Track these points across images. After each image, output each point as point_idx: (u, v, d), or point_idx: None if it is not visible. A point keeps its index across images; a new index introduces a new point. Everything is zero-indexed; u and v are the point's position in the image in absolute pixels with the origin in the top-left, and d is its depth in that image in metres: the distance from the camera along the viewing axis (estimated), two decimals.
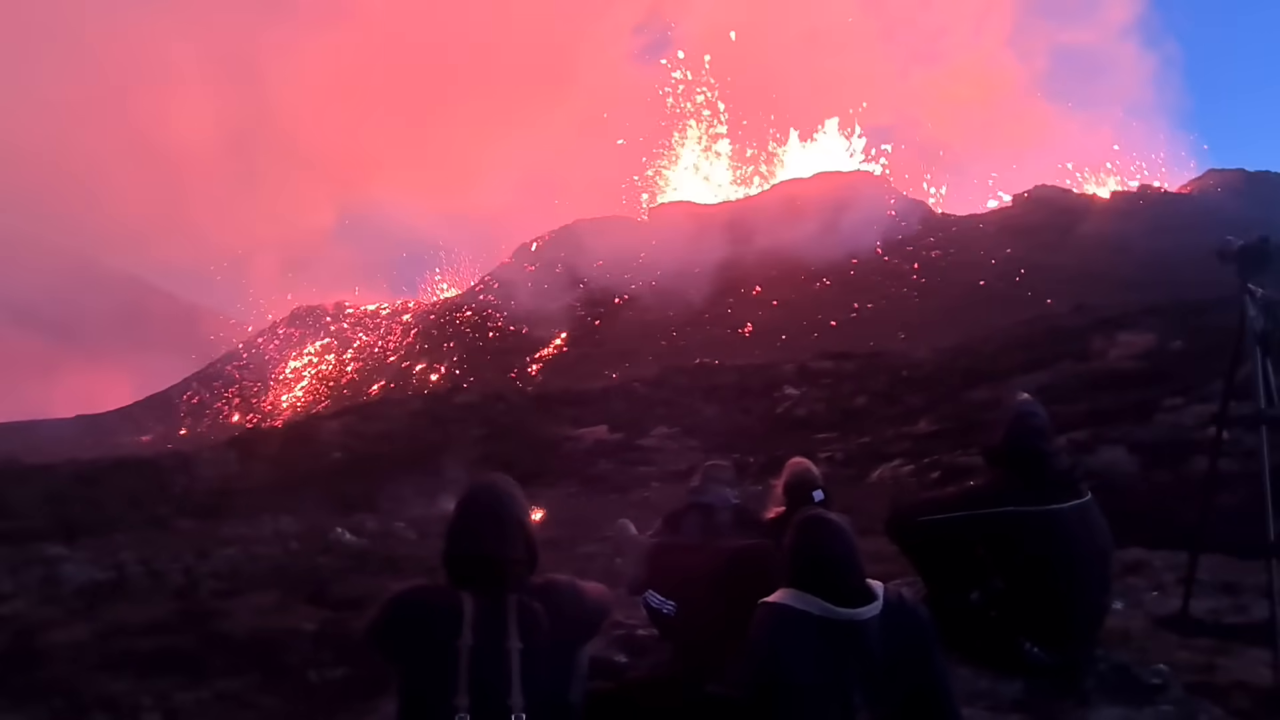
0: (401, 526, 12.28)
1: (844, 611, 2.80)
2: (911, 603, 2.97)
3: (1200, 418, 13.16)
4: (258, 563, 10.24)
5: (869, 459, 16.67)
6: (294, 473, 21.45)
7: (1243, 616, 4.33)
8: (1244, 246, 3.79)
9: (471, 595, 2.68)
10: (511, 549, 2.81)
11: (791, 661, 2.74)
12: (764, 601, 2.91)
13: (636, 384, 31.57)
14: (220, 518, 14.26)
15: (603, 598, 3.06)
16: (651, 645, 4.60)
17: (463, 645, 2.60)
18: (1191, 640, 4.11)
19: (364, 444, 25.42)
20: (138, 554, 10.53)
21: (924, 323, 64.64)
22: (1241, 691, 3.39)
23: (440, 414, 29.09)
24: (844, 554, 2.89)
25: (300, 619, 7.20)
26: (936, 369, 25.68)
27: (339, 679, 5.81)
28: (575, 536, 10.81)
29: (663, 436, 22.49)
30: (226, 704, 5.53)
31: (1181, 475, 9.95)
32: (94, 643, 6.65)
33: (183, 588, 8.84)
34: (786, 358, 37.01)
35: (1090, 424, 13.87)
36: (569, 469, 19.49)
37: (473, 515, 2.87)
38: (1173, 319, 22.85)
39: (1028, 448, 3.73)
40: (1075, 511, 3.66)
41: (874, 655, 2.80)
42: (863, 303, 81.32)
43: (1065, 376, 19.46)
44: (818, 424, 22.16)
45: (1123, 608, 4.58)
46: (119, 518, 16.06)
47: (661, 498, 13.74)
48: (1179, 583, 4.73)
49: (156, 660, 6.20)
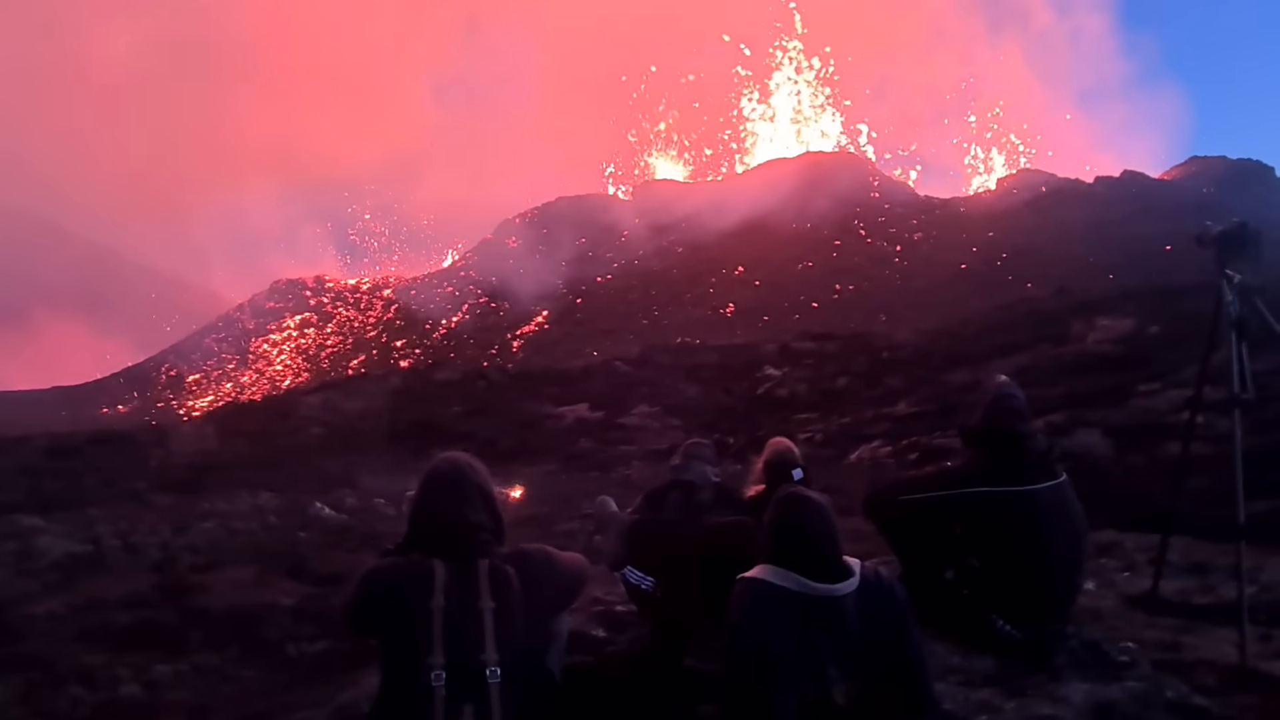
0: (381, 503, 12.26)
1: (821, 587, 2.84)
2: (888, 579, 3.01)
3: (1174, 402, 13.34)
4: (236, 538, 10.21)
5: (848, 440, 16.79)
6: (273, 448, 21.33)
7: (1210, 597, 4.42)
8: (1222, 232, 3.83)
9: (443, 562, 2.72)
10: (475, 514, 2.85)
11: (768, 636, 2.78)
12: (742, 577, 2.94)
13: (618, 362, 31.54)
14: (198, 492, 14.15)
15: (578, 566, 3.09)
16: (630, 621, 4.63)
17: (435, 607, 2.64)
18: (1160, 619, 4.20)
19: (344, 420, 25.29)
20: (114, 528, 10.46)
21: (905, 305, 64.96)
22: (1207, 669, 3.46)
23: (421, 391, 28.97)
24: (823, 530, 2.92)
25: (279, 594, 7.20)
26: (917, 351, 25.82)
27: (319, 652, 5.82)
28: (556, 514, 10.86)
29: (644, 415, 22.52)
30: (205, 677, 5.53)
31: (1154, 458, 10.11)
32: (71, 616, 6.61)
33: (160, 562, 8.79)
34: (768, 338, 37.12)
35: (1066, 407, 14.03)
36: (550, 447, 19.48)
37: (436, 486, 2.93)
38: (1151, 304, 23.08)
39: (1005, 429, 3.77)
40: (1051, 492, 3.71)
41: (850, 630, 2.84)
42: (845, 284, 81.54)
43: (1043, 360, 19.64)
44: (798, 404, 22.26)
45: (1094, 587, 4.66)
46: (95, 492, 15.92)
47: (642, 476, 13.79)
48: (1150, 564, 4.81)
49: (134, 634, 6.18)
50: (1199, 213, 4.65)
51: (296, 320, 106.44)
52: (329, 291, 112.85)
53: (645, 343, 42.52)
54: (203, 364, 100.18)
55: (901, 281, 78.98)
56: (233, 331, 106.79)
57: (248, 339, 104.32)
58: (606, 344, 64.23)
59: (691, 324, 67.78)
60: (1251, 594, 3.63)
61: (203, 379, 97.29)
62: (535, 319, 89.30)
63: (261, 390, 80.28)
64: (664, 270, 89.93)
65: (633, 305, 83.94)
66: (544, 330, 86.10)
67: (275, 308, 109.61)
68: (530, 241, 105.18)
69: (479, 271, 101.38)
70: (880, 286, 78.57)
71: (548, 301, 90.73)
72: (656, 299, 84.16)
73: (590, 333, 76.95)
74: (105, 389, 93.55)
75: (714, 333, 54.19)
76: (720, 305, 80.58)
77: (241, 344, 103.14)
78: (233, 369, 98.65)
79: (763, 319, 70.03)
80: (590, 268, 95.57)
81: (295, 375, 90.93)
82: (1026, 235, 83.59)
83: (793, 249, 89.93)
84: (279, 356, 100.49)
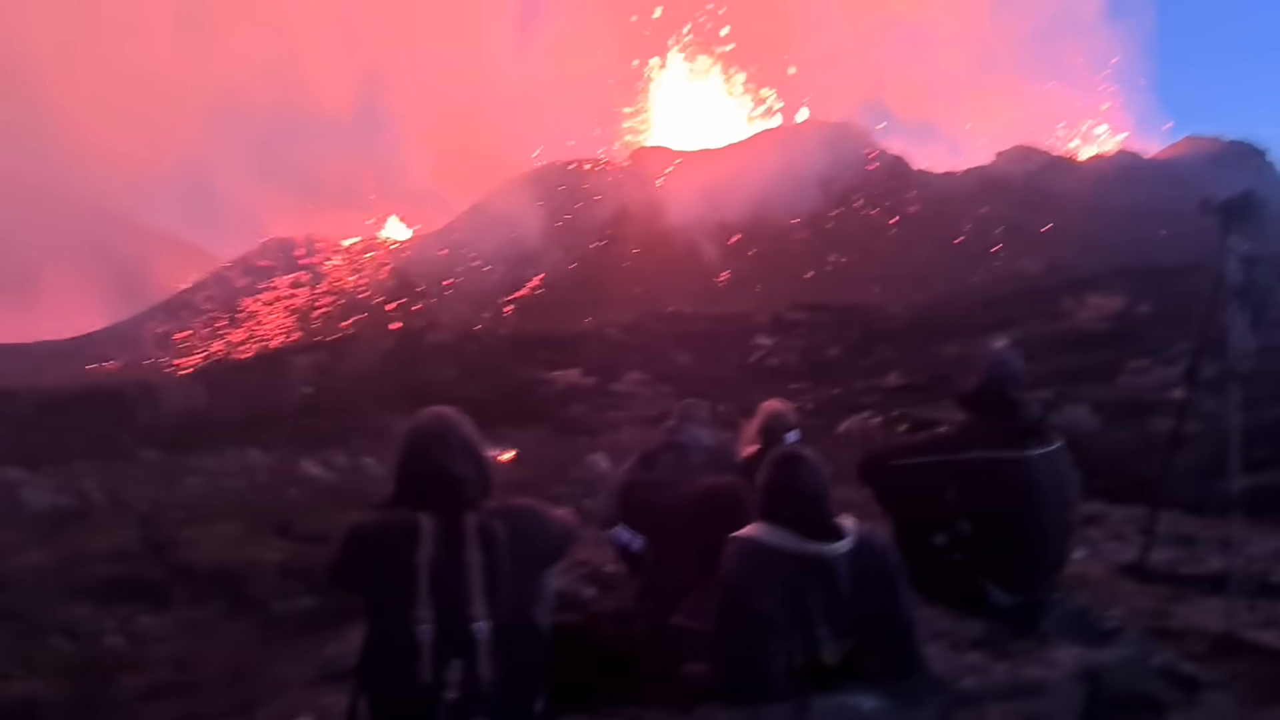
0: (371, 463, 12.24)
1: (813, 546, 2.82)
2: (881, 541, 2.99)
3: (1163, 380, 13.40)
4: (224, 494, 10.21)
5: (839, 410, 16.83)
6: (263, 407, 21.25)
7: (1198, 567, 4.44)
8: (1227, 200, 3.78)
9: (429, 516, 2.68)
10: (461, 468, 2.81)
11: (760, 594, 2.76)
12: (735, 535, 2.93)
13: (611, 329, 31.48)
14: (186, 449, 14.12)
15: (566, 521, 3.06)
16: (619, 582, 4.63)
17: (421, 560, 2.60)
18: (1148, 588, 4.21)
19: (335, 381, 25.23)
20: (101, 482, 10.45)
21: (899, 277, 64.92)
22: (1195, 636, 3.48)
23: (412, 353, 28.89)
24: (816, 490, 2.90)
25: (266, 551, 7.19)
26: (909, 324, 25.87)
27: (305, 609, 5.81)
28: (547, 478, 10.85)
29: (636, 382, 22.53)
30: (190, 630, 5.52)
31: (1141, 434, 10.13)
32: (56, 568, 6.59)
33: (147, 517, 8.78)
34: (761, 307, 37.07)
35: (1056, 383, 14.06)
36: (542, 412, 19.48)
37: (421, 439, 2.88)
38: (1142, 282, 23.15)
39: (1000, 394, 3.74)
40: (1044, 459, 3.70)
41: (841, 591, 2.83)
42: (839, 255, 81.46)
43: (1034, 335, 19.68)
44: (790, 374, 22.31)
45: (1083, 556, 4.67)
46: (82, 447, 15.86)
47: (633, 442, 13.78)
48: (1137, 534, 4.83)
49: (119, 587, 6.17)
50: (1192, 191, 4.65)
51: (288, 279, 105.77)
52: (321, 252, 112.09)
53: (638, 310, 42.42)
54: (192, 322, 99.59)
55: (895, 254, 78.91)
56: (223, 290, 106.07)
57: (238, 297, 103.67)
58: (600, 310, 64.10)
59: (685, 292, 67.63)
60: (1238, 566, 3.63)
61: (192, 337, 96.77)
62: (528, 284, 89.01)
63: (252, 349, 79.90)
64: (658, 237, 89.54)
65: (626, 272, 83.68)
66: (537, 295, 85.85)
67: (266, 266, 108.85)
68: (525, 206, 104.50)
69: (473, 235, 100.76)
70: (874, 258, 78.51)
71: (541, 267, 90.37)
72: (650, 266, 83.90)
73: (583, 299, 76.76)
74: (93, 345, 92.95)
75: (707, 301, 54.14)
76: (714, 273, 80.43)
77: (232, 302, 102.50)
78: (222, 327, 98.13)
79: (756, 288, 69.96)
80: (585, 234, 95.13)
81: (286, 335, 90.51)
82: (1021, 210, 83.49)
83: (786, 218, 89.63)
84: (270, 316, 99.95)
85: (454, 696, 2.51)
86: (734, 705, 2.72)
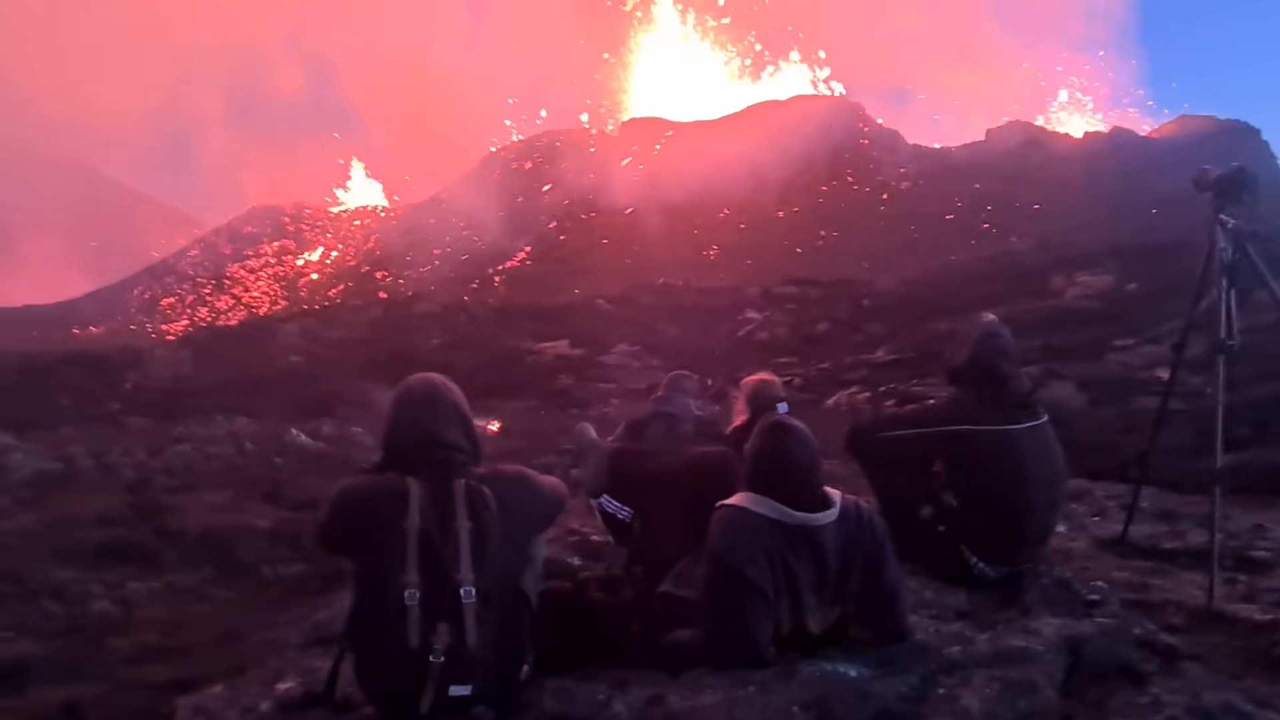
0: (359, 432, 12.21)
1: (801, 516, 2.84)
2: (868, 512, 3.02)
3: (1149, 358, 13.50)
4: (211, 462, 10.17)
5: (827, 384, 16.87)
6: (250, 374, 21.15)
7: (1179, 543, 4.50)
8: (1220, 176, 3.79)
9: (418, 481, 2.68)
10: (451, 433, 2.81)
11: (747, 563, 2.79)
12: (723, 504, 2.94)
13: (600, 301, 31.38)
14: (173, 416, 14.05)
15: (555, 489, 3.08)
16: (607, 551, 4.66)
17: (410, 526, 2.61)
18: (1130, 562, 4.27)
19: (322, 348, 25.13)
20: (88, 448, 10.39)
21: (889, 252, 64.81)
22: (1175, 609, 3.53)
23: (400, 322, 28.77)
24: (805, 460, 2.91)
25: (255, 517, 7.19)
26: (898, 299, 25.90)
27: (294, 575, 5.83)
28: (534, 448, 10.87)
29: (624, 354, 22.51)
30: (179, 595, 5.53)
31: (1126, 412, 10.22)
32: (44, 532, 6.58)
33: (134, 483, 8.75)
34: (751, 281, 37.02)
35: (1043, 359, 14.14)
36: (529, 383, 19.46)
37: (410, 404, 2.89)
38: (1131, 261, 23.21)
39: (990, 368, 3.77)
40: (1031, 433, 3.73)
41: (828, 560, 2.86)
42: (829, 230, 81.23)
43: (1022, 312, 19.71)
44: (779, 348, 22.33)
45: (1066, 530, 4.73)
46: (68, 412, 15.78)
47: (621, 414, 13.81)
48: (1120, 509, 4.88)
49: (107, 551, 6.16)
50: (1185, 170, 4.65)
51: (275, 246, 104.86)
52: (308, 219, 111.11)
53: (628, 282, 42.27)
54: (178, 288, 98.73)
55: (886, 229, 78.74)
56: (209, 256, 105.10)
57: (224, 264, 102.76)
58: (588, 282, 63.86)
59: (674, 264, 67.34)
60: (1219, 540, 3.68)
61: (177, 303, 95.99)
62: (517, 254, 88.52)
63: (238, 316, 79.32)
64: (648, 209, 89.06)
65: (616, 244, 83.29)
66: (526, 266, 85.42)
67: (253, 233, 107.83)
68: (514, 176, 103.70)
69: (461, 204, 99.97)
70: (865, 234, 78.34)
71: (530, 237, 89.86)
72: (640, 238, 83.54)
73: (572, 270, 76.38)
74: (77, 310, 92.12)
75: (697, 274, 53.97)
76: (704, 247, 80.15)
77: (218, 269, 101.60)
78: (209, 294, 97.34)
79: (746, 262, 69.75)
80: (574, 205, 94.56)
81: (273, 302, 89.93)
82: (1012, 187, 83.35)
83: (778, 192, 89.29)
84: (256, 283, 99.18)
85: (441, 661, 2.53)
86: (721, 672, 2.75)
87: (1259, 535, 4.59)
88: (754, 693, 2.61)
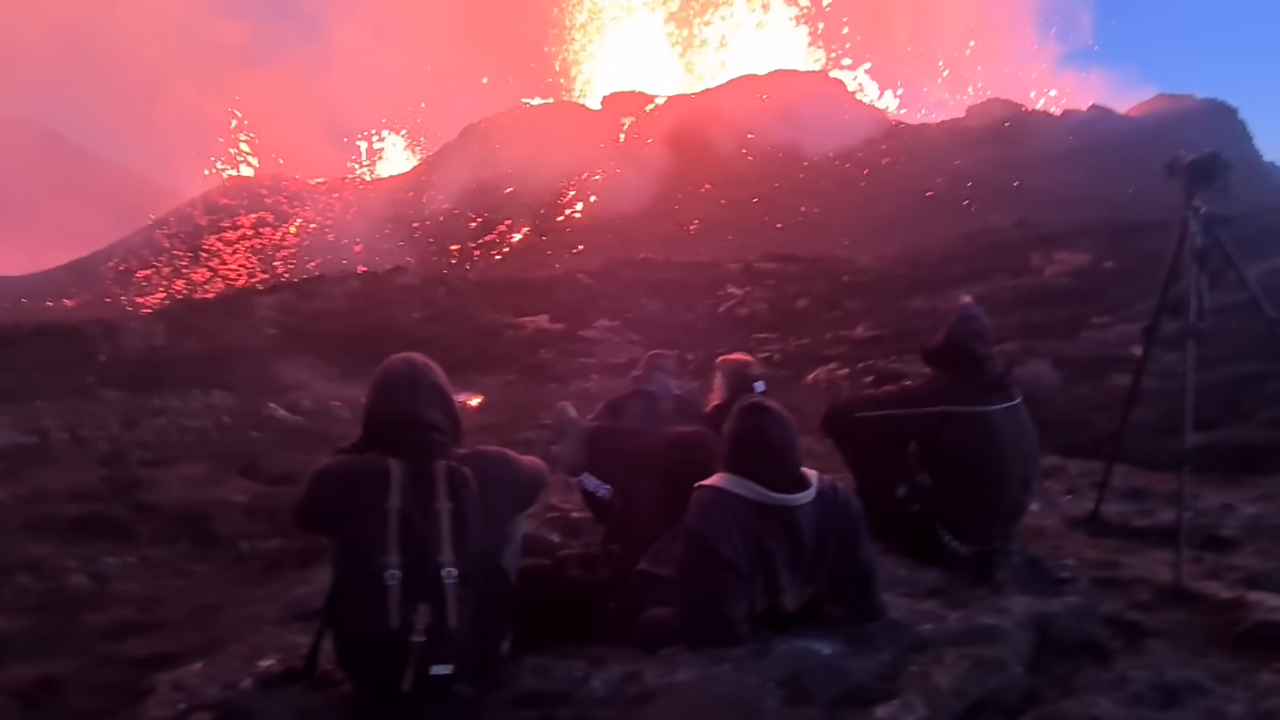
0: (337, 405, 12.15)
1: (778, 496, 2.87)
2: (844, 492, 3.05)
3: (1124, 336, 13.64)
4: (187, 435, 10.09)
5: (806, 360, 16.92)
6: (226, 347, 20.91)
7: (1148, 521, 4.58)
8: (1193, 161, 3.81)
9: (398, 462, 2.69)
10: (432, 414, 2.81)
11: (724, 542, 2.81)
12: (701, 484, 2.97)
13: (580, 275, 31.25)
14: (148, 389, 13.90)
15: (536, 469, 3.08)
16: (586, 528, 4.68)
17: (391, 506, 2.62)
18: (1100, 540, 4.35)
19: (300, 321, 24.86)
20: (61, 421, 10.28)
21: (869, 229, 65.00)
22: (1143, 586, 3.61)
23: (379, 295, 28.49)
24: (782, 441, 2.94)
25: (232, 491, 7.15)
26: (878, 276, 25.97)
27: (272, 549, 5.81)
28: (514, 423, 10.86)
29: (605, 329, 22.45)
30: (155, 570, 5.50)
31: (1100, 389, 10.34)
32: (16, 505, 6.52)
33: (109, 456, 8.67)
34: (731, 257, 36.94)
35: (1020, 337, 14.25)
36: (509, 357, 19.39)
37: (391, 384, 2.88)
38: (1108, 239, 23.36)
39: (966, 349, 3.80)
40: (1005, 413, 3.78)
41: (803, 540, 2.89)
42: (810, 207, 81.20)
43: (1000, 290, 19.86)
44: (758, 324, 22.35)
45: (1038, 508, 4.80)
46: (41, 384, 15.56)
47: (601, 389, 13.81)
48: (1092, 487, 4.96)
49: (82, 525, 6.11)
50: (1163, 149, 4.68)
51: (252, 218, 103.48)
52: (284, 191, 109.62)
53: (608, 256, 42.14)
54: (153, 259, 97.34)
55: (866, 206, 78.85)
56: (185, 227, 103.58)
57: (200, 235, 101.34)
58: (569, 256, 63.66)
59: (655, 239, 67.17)
60: (1187, 519, 3.75)
61: (153, 275, 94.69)
62: (498, 228, 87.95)
63: (215, 289, 78.39)
64: (629, 183, 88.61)
65: (597, 218, 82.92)
66: (506, 239, 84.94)
67: (229, 205, 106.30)
68: (494, 148, 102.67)
69: (441, 177, 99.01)
70: (845, 210, 78.41)
71: (510, 211, 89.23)
72: (621, 212, 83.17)
73: (553, 244, 76.11)
74: (50, 281, 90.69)
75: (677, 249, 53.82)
76: (685, 222, 79.94)
77: (194, 240, 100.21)
78: (184, 266, 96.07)
79: (727, 237, 69.67)
80: (555, 178, 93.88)
81: (250, 275, 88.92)
82: (992, 165, 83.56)
83: (759, 168, 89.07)
84: (233, 255, 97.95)
85: (422, 641, 2.54)
86: (696, 649, 2.79)
87: (1227, 514, 4.69)
88: (729, 670, 2.65)
